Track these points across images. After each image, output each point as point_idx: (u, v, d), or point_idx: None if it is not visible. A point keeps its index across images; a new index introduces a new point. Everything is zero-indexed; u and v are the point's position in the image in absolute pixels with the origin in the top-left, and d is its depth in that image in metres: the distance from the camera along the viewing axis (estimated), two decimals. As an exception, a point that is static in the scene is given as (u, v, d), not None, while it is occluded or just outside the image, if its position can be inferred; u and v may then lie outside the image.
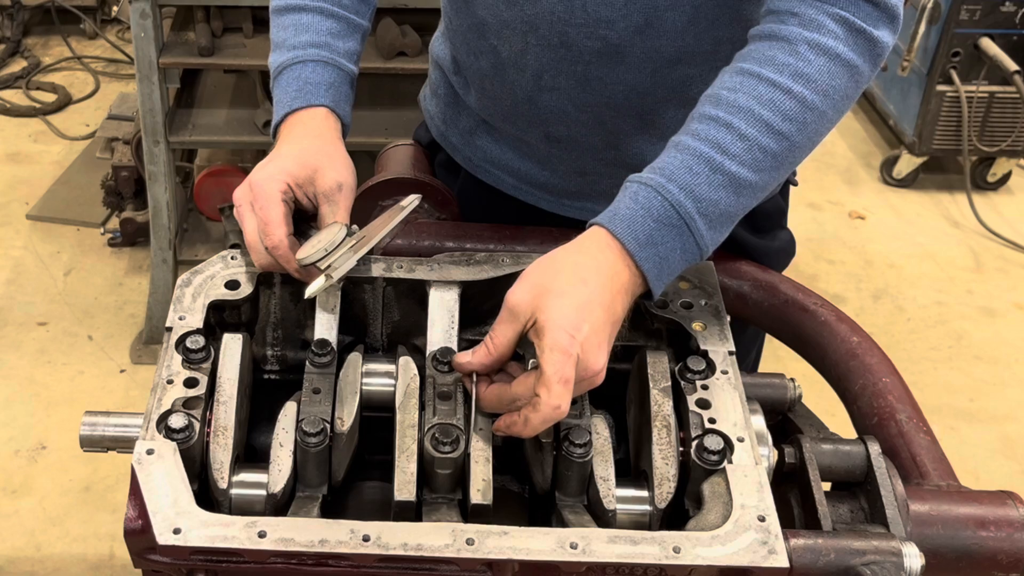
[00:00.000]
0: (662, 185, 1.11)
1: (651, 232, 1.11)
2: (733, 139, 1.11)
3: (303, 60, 1.35)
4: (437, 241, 1.36)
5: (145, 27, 2.78)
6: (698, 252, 1.14)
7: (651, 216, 1.11)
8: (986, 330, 3.50)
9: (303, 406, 1.10)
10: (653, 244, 1.11)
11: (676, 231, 1.11)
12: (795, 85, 1.12)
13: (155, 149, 2.97)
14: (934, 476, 1.14)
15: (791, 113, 1.12)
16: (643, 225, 1.10)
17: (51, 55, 4.68)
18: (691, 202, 1.11)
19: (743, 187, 1.13)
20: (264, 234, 1.18)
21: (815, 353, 1.32)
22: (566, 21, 1.30)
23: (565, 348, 1.03)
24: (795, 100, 1.12)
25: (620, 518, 1.07)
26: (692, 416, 1.11)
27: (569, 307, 1.05)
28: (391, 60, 2.96)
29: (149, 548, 0.97)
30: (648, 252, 1.11)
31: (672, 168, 1.12)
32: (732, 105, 1.13)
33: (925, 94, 3.91)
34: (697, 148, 1.12)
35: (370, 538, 0.96)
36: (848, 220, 4.00)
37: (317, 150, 1.27)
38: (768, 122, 1.12)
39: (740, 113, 1.12)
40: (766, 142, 1.12)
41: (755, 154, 1.12)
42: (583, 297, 1.06)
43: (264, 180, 1.22)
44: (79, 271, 3.50)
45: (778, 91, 1.12)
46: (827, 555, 1.00)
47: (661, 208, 1.11)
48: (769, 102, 1.12)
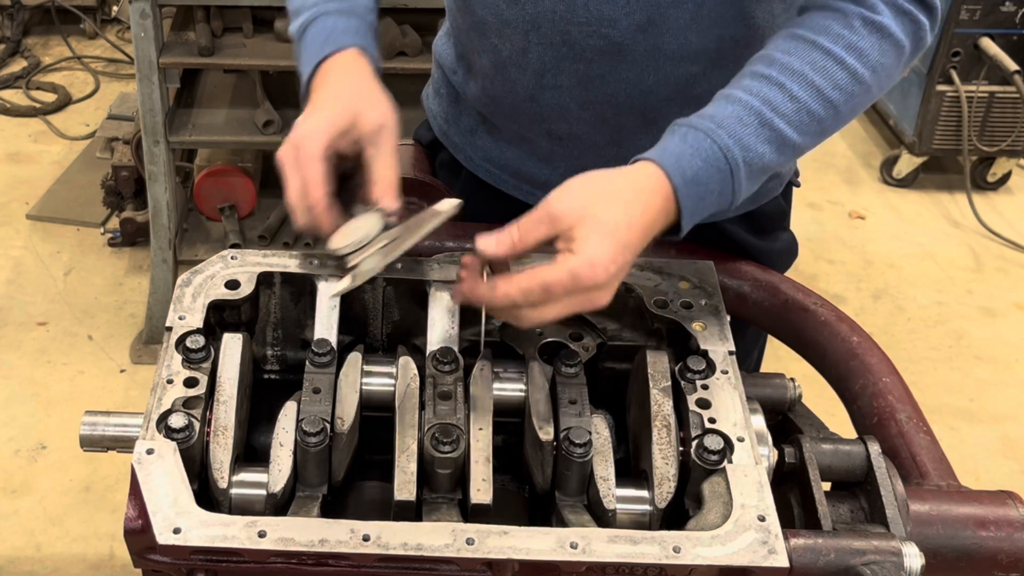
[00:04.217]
0: (712, 130, 1.14)
1: (697, 171, 1.13)
2: (784, 99, 1.15)
3: (324, 13, 1.31)
4: (437, 241, 1.36)
5: (145, 27, 2.78)
6: (730, 200, 1.17)
7: (699, 156, 1.13)
8: (986, 330, 3.50)
9: (303, 406, 1.10)
10: (697, 183, 1.13)
11: (720, 175, 1.14)
12: (848, 56, 1.16)
13: (155, 149, 2.97)
14: (934, 476, 1.14)
15: (841, 83, 1.16)
16: (691, 163, 1.13)
17: (51, 55, 4.68)
18: (739, 149, 1.14)
19: (785, 146, 1.17)
20: (303, 194, 1.16)
21: (815, 353, 1.32)
22: (568, 20, 1.30)
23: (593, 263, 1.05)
24: (847, 71, 1.16)
25: (620, 518, 1.07)
26: (692, 416, 1.11)
27: (606, 232, 1.07)
28: (391, 60, 2.96)
29: (149, 548, 0.97)
30: (691, 190, 1.13)
31: (722, 116, 1.15)
32: (786, 67, 1.16)
33: (925, 94, 3.91)
34: (748, 101, 1.15)
35: (370, 538, 0.96)
36: (848, 220, 4.00)
37: (355, 93, 1.23)
38: (819, 88, 1.16)
39: (793, 76, 1.16)
40: (815, 107, 1.16)
41: (802, 117, 1.16)
42: (621, 223, 1.08)
43: (306, 138, 1.18)
44: (79, 271, 3.50)
45: (831, 60, 1.16)
46: (827, 555, 1.00)
47: (710, 150, 1.14)
48: (822, 69, 1.16)
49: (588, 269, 1.05)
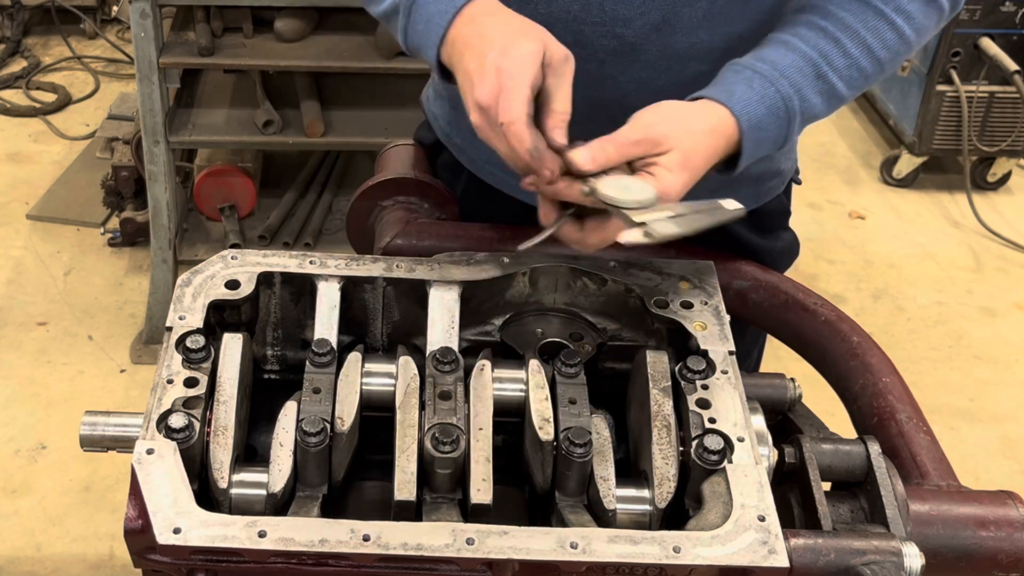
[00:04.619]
0: (776, 78, 1.21)
1: (761, 117, 1.20)
2: (839, 54, 1.23)
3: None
4: (437, 241, 1.36)
5: (145, 27, 2.78)
6: (780, 146, 1.25)
7: (764, 103, 1.20)
8: (986, 330, 3.50)
9: (303, 406, 1.10)
10: (759, 128, 1.21)
11: (778, 123, 1.22)
12: (898, 18, 1.24)
13: (155, 149, 2.97)
14: (934, 476, 1.14)
15: (890, 43, 1.25)
16: (756, 109, 1.20)
17: (51, 55, 4.68)
18: (798, 99, 1.22)
19: (834, 98, 1.25)
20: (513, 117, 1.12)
21: (815, 353, 1.32)
22: (582, 20, 1.30)
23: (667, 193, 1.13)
24: (895, 32, 1.24)
25: (620, 518, 1.07)
26: (692, 416, 1.11)
27: (686, 165, 1.15)
28: (391, 60, 2.96)
29: (149, 548, 0.97)
30: (753, 135, 1.21)
31: (783, 64, 1.22)
32: (841, 22, 1.23)
33: (925, 94, 3.91)
34: (807, 52, 1.23)
35: (370, 538, 0.96)
36: (848, 220, 4.00)
37: (529, 27, 1.18)
38: (870, 47, 1.24)
39: (848, 32, 1.23)
40: (864, 64, 1.24)
41: (852, 72, 1.24)
42: (700, 158, 1.16)
43: (515, 69, 1.13)
44: (79, 271, 3.50)
45: (883, 21, 1.24)
46: (827, 555, 1.00)
47: (774, 98, 1.21)
48: (874, 29, 1.24)
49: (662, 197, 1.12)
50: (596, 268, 1.27)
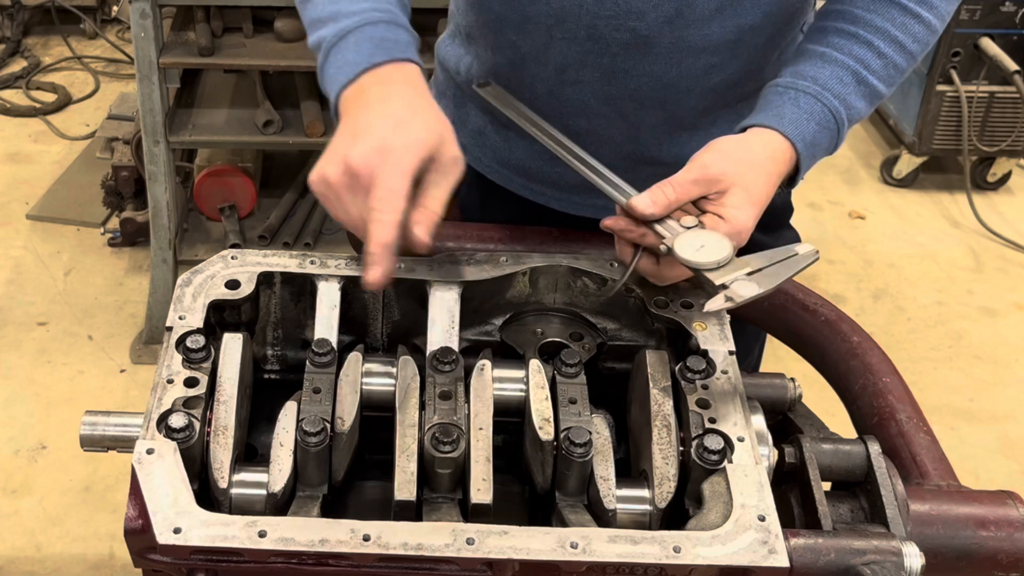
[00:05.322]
0: (820, 92, 1.25)
1: (814, 134, 1.24)
2: (873, 56, 1.27)
3: (372, 22, 1.22)
4: (437, 241, 1.36)
5: (145, 27, 2.78)
6: (832, 151, 1.29)
7: (814, 120, 1.24)
8: (986, 330, 3.50)
9: (303, 405, 1.10)
10: (813, 145, 1.25)
11: (829, 134, 1.26)
12: (922, 10, 1.28)
13: (155, 149, 2.97)
14: (934, 476, 1.14)
15: (919, 35, 1.29)
16: (807, 127, 1.24)
17: (51, 55, 4.68)
18: (844, 109, 1.26)
19: (875, 98, 1.29)
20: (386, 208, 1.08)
21: (815, 353, 1.32)
22: (595, 14, 1.30)
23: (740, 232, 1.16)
24: (922, 24, 1.28)
25: (620, 518, 1.07)
26: (692, 416, 1.11)
27: (753, 201, 1.17)
28: (391, 60, 2.96)
29: (149, 548, 0.97)
30: (808, 152, 1.24)
31: (824, 77, 1.26)
32: (870, 24, 1.27)
33: (925, 94, 3.91)
34: (844, 61, 1.27)
35: (370, 537, 0.96)
36: (848, 220, 4.00)
37: (436, 115, 1.16)
38: (901, 43, 1.28)
39: (878, 33, 1.27)
40: (898, 60, 1.29)
41: (889, 71, 1.28)
42: (763, 191, 1.19)
43: (402, 149, 1.10)
44: (79, 271, 3.50)
45: (908, 16, 1.28)
46: (827, 555, 1.00)
47: (821, 113, 1.25)
48: (902, 25, 1.27)
49: (736, 238, 1.15)
50: (596, 268, 1.27)
